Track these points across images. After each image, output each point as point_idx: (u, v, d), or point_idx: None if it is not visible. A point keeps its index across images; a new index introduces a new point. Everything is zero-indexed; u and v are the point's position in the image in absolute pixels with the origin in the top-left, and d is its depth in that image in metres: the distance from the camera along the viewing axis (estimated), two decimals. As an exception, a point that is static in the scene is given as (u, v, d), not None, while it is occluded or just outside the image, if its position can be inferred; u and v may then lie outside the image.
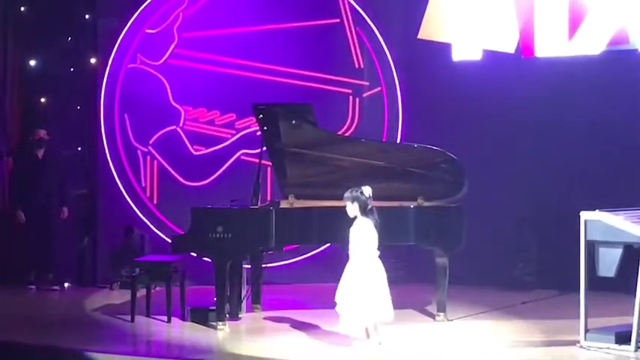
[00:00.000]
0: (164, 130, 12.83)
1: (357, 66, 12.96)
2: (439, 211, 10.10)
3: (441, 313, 10.06)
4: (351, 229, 8.83)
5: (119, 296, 11.45)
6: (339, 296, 8.78)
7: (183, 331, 9.67)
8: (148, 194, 12.81)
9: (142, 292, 10.29)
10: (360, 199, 8.83)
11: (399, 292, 11.96)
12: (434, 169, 10.23)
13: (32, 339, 9.30)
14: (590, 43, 11.06)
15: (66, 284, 12.40)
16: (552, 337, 9.21)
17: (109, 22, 12.81)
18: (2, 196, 12.83)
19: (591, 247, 8.60)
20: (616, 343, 8.52)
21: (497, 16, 11.84)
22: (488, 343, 9.16)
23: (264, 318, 10.24)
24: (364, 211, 8.80)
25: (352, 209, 8.87)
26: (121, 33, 12.72)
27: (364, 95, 12.95)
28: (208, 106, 12.87)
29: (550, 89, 12.01)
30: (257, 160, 10.30)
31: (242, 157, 12.76)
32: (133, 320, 9.98)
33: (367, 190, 8.87)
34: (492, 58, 11.73)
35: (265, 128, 10.24)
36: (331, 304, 10.85)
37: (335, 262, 11.29)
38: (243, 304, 10.41)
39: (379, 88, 12.97)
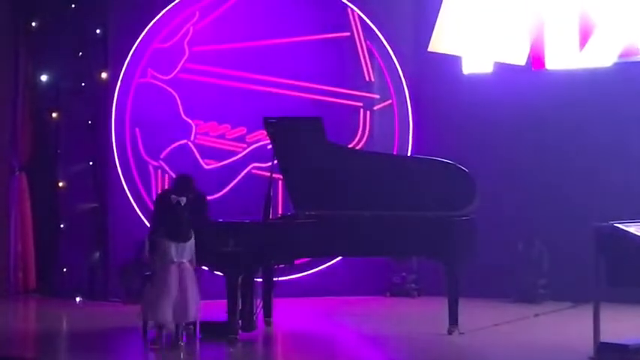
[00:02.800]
0: (175, 144, 12.86)
1: (367, 79, 12.97)
2: (450, 224, 10.07)
3: (454, 326, 10.03)
4: None
5: (131, 311, 11.43)
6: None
7: (196, 346, 9.65)
8: (159, 208, 12.81)
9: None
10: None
11: (412, 305, 12.01)
12: (445, 181, 10.21)
13: (41, 354, 9.30)
14: (601, 55, 11.07)
15: None
16: (565, 349, 9.17)
17: (119, 37, 12.84)
18: (21, 212, 12.83)
19: (604, 258, 8.58)
20: (629, 355, 8.48)
21: (507, 29, 11.85)
22: (501, 355, 9.13)
23: (277, 331, 10.22)
24: None
25: None
26: (131, 48, 12.76)
27: (375, 108, 12.96)
28: (219, 119, 12.89)
29: (561, 101, 12.00)
30: (268, 174, 10.30)
31: (253, 171, 12.77)
32: (145, 335, 9.97)
33: (175, 199, 9.10)
34: (503, 70, 11.73)
35: (276, 142, 10.25)
36: (341, 317, 10.89)
37: (345, 275, 11.33)
38: (255, 318, 10.39)
39: (390, 101, 12.97)
